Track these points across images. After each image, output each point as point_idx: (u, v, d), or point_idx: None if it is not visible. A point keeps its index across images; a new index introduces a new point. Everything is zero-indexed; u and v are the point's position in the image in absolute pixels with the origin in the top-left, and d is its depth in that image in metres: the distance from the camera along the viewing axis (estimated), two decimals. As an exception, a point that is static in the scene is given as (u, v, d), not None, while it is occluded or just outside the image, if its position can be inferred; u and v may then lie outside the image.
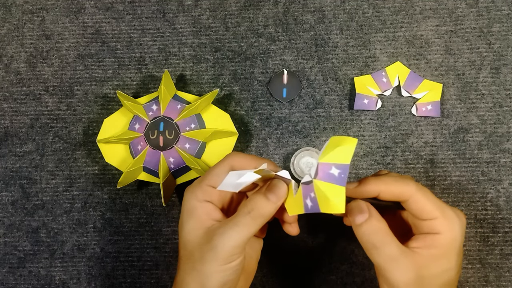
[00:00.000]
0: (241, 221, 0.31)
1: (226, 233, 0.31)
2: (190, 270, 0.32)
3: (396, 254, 0.31)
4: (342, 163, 0.29)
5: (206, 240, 0.31)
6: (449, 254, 0.32)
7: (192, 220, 0.33)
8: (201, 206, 0.33)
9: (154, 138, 0.43)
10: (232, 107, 0.47)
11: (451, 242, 0.31)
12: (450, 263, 0.32)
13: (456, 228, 0.32)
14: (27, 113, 0.48)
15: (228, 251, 0.31)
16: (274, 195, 0.32)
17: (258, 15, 0.48)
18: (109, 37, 0.49)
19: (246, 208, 0.31)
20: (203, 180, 0.33)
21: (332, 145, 0.29)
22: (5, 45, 0.49)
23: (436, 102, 0.46)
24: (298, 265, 0.45)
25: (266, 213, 0.31)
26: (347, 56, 0.47)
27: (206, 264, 0.31)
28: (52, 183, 0.47)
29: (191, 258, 0.32)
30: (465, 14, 0.48)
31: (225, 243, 0.31)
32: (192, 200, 0.33)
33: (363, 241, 0.31)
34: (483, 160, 0.46)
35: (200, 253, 0.32)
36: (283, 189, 0.32)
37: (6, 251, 0.46)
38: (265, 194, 0.32)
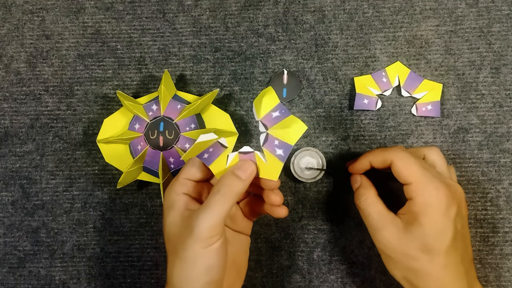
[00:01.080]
0: (213, 200, 0.32)
1: (201, 215, 0.32)
2: (175, 260, 0.33)
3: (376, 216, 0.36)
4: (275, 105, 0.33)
5: (184, 227, 0.32)
6: (419, 219, 0.34)
7: (172, 212, 0.34)
8: (179, 198, 0.34)
9: (154, 138, 0.43)
10: (232, 107, 0.47)
11: (421, 208, 0.34)
12: (420, 229, 0.34)
13: (429, 195, 0.34)
14: (27, 113, 0.48)
15: (205, 232, 0.31)
16: (242, 171, 0.33)
17: (258, 15, 0.48)
18: (109, 37, 0.49)
19: (216, 187, 0.33)
20: (179, 174, 0.35)
21: (258, 104, 0.33)
22: (5, 45, 0.49)
23: (436, 102, 0.46)
24: (298, 265, 0.45)
25: (236, 190, 0.33)
26: (347, 56, 0.47)
27: (188, 250, 0.31)
28: (52, 183, 0.47)
29: (175, 249, 0.33)
30: (465, 14, 0.48)
31: (201, 224, 0.31)
32: (171, 194, 0.35)
33: (356, 202, 0.38)
34: (483, 160, 0.46)
35: (180, 241, 0.32)
36: (251, 166, 0.34)
37: (6, 251, 0.46)
38: (233, 172, 0.33)
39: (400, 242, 0.34)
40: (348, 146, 0.46)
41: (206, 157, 0.34)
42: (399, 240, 0.34)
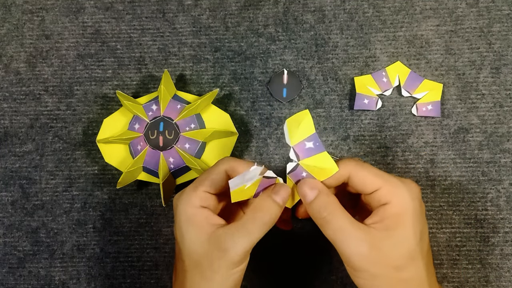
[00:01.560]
0: (252, 226, 0.31)
1: (238, 238, 0.31)
2: (199, 278, 0.32)
3: (347, 226, 0.30)
4: (310, 135, 0.32)
5: (214, 247, 0.31)
6: (402, 222, 0.31)
7: (193, 228, 0.32)
8: (200, 213, 0.32)
9: (154, 138, 0.43)
10: (232, 107, 0.47)
11: (401, 209, 0.31)
12: (406, 231, 0.31)
13: (404, 195, 0.31)
14: (26, 113, 0.48)
15: (240, 255, 0.31)
16: (280, 197, 0.32)
17: (258, 15, 0.48)
18: (108, 37, 0.49)
19: (256, 213, 0.32)
20: (198, 186, 0.33)
21: (292, 127, 0.32)
22: (4, 45, 0.49)
23: (436, 102, 0.46)
24: (298, 265, 0.45)
25: (274, 216, 0.32)
26: (347, 56, 0.47)
27: (217, 271, 0.31)
28: (51, 183, 0.47)
29: (199, 267, 0.32)
30: (466, 14, 0.48)
31: (237, 248, 0.31)
32: (188, 207, 0.32)
33: (315, 216, 0.32)
34: (483, 160, 0.46)
35: (208, 261, 0.31)
36: (287, 190, 0.32)
37: (6, 251, 0.46)
38: (271, 197, 0.32)
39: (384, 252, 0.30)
40: (348, 146, 0.46)
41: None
42: (382, 250, 0.30)
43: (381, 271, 0.30)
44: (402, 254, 0.30)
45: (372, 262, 0.30)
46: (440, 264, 0.45)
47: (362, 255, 0.30)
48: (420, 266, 0.31)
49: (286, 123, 0.32)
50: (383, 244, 0.30)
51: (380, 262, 0.30)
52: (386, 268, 0.30)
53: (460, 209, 0.45)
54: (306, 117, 0.32)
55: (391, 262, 0.30)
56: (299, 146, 0.32)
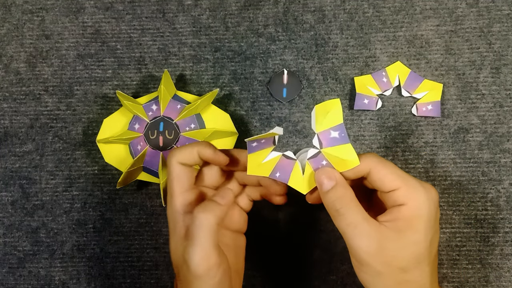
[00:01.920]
0: (195, 234, 0.31)
1: (190, 251, 0.30)
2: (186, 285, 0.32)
3: (359, 220, 0.30)
4: (337, 124, 0.31)
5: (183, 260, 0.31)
6: (415, 225, 0.30)
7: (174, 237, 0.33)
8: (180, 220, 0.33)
9: (154, 138, 0.43)
10: (232, 107, 0.47)
11: (416, 213, 0.30)
12: (417, 236, 0.30)
13: (421, 198, 0.31)
14: (26, 113, 0.48)
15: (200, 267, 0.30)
16: (220, 197, 0.32)
17: (258, 15, 0.48)
18: (108, 37, 0.49)
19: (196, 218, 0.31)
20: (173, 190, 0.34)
21: (320, 114, 0.32)
22: (4, 45, 0.49)
23: (436, 102, 0.46)
24: (298, 265, 0.45)
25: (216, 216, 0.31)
26: (347, 56, 0.47)
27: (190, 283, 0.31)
28: (51, 183, 0.47)
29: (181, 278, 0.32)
30: (466, 14, 0.48)
31: (193, 260, 0.30)
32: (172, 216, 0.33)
33: (329, 207, 0.32)
34: (483, 160, 0.46)
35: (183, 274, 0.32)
36: (229, 194, 0.33)
37: (6, 251, 0.46)
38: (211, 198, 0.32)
39: (391, 252, 0.30)
40: (348, 146, 0.46)
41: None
42: (390, 250, 0.30)
43: (386, 270, 0.30)
44: (409, 257, 0.30)
45: (379, 259, 0.30)
46: (440, 264, 0.45)
47: (370, 251, 0.30)
48: (425, 271, 0.31)
49: (315, 109, 0.32)
50: (392, 244, 0.30)
51: (386, 261, 0.30)
52: (391, 267, 0.30)
53: (460, 209, 0.45)
54: (336, 106, 0.31)
55: (397, 263, 0.30)
56: (324, 134, 0.32)
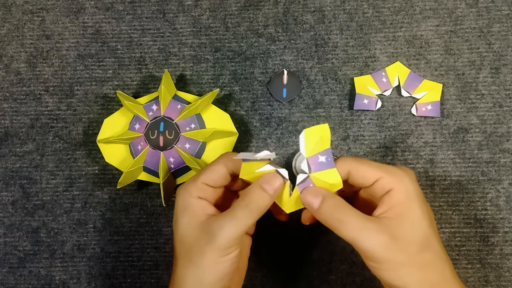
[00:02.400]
0: (239, 213, 0.31)
1: (225, 225, 0.31)
2: (187, 264, 0.32)
3: (363, 222, 0.30)
4: (325, 149, 0.33)
5: (203, 233, 0.32)
6: (410, 205, 0.31)
7: (187, 215, 0.33)
8: (196, 202, 0.33)
9: (154, 138, 0.43)
10: (232, 107, 0.47)
11: (406, 194, 0.31)
12: (417, 213, 0.31)
13: (405, 179, 0.32)
14: (27, 113, 0.48)
15: (226, 242, 0.31)
16: (271, 187, 0.32)
17: (258, 15, 0.48)
18: (109, 37, 0.49)
19: (244, 201, 0.32)
20: (198, 178, 0.34)
21: (310, 138, 0.33)
22: (5, 45, 0.49)
23: (436, 102, 0.46)
24: (298, 265, 0.45)
25: (263, 205, 0.32)
26: (347, 56, 0.47)
27: (205, 256, 0.31)
28: (52, 183, 0.47)
29: (189, 253, 0.32)
30: (465, 14, 0.48)
31: (224, 234, 0.31)
32: (186, 197, 0.33)
33: (327, 221, 0.32)
34: (483, 160, 0.46)
35: (197, 246, 0.32)
36: (278, 181, 0.33)
37: (6, 251, 0.46)
38: (261, 186, 0.32)
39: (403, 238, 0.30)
40: (348, 146, 0.46)
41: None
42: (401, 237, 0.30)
43: (405, 258, 0.30)
44: (419, 237, 0.31)
45: (395, 250, 0.30)
46: (440, 264, 0.45)
47: (385, 246, 0.30)
48: (437, 246, 0.32)
49: (304, 133, 0.33)
50: (399, 231, 0.31)
51: (402, 249, 0.30)
52: (409, 254, 0.30)
53: (459, 209, 0.45)
54: (325, 131, 0.33)
55: (412, 247, 0.30)
56: (313, 159, 0.33)
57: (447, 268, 0.32)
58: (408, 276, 0.30)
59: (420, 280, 0.30)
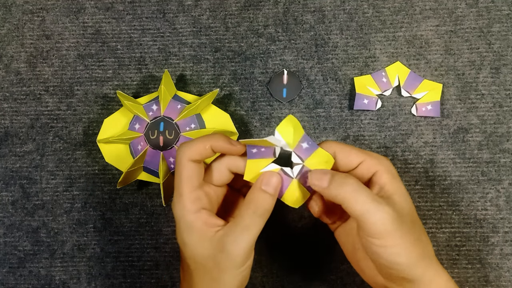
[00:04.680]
0: (249, 222, 0.32)
1: (238, 238, 0.31)
2: (209, 282, 0.32)
3: (373, 196, 0.31)
4: (302, 136, 0.34)
5: (217, 249, 0.32)
6: (397, 184, 0.33)
7: (194, 234, 0.32)
8: (197, 218, 0.32)
9: (154, 138, 0.43)
10: (232, 107, 0.47)
11: (391, 174, 0.33)
12: (403, 191, 0.33)
13: (385, 161, 0.34)
14: (27, 113, 0.48)
15: (243, 254, 0.31)
16: (270, 186, 0.32)
17: (258, 15, 0.48)
18: (109, 37, 0.49)
19: (250, 208, 0.32)
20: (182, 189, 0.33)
21: (285, 133, 0.33)
22: (5, 45, 0.49)
23: (436, 102, 0.46)
24: (298, 265, 0.45)
25: (268, 207, 0.32)
26: (347, 56, 0.47)
27: (225, 272, 0.32)
28: (52, 183, 0.47)
29: (205, 269, 0.32)
30: (465, 14, 0.48)
31: (240, 249, 0.31)
32: (186, 216, 0.32)
33: (338, 196, 0.31)
34: (483, 160, 0.46)
35: (214, 262, 0.32)
36: (275, 178, 0.33)
37: (6, 251, 0.46)
38: (261, 188, 0.32)
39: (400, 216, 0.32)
40: (348, 146, 0.46)
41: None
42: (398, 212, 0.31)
43: (404, 232, 0.31)
44: (410, 212, 0.33)
45: (398, 224, 0.31)
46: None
47: (392, 220, 0.31)
48: (420, 223, 0.34)
49: (278, 131, 0.33)
50: (396, 206, 0.32)
51: (402, 223, 0.31)
52: (406, 228, 0.31)
53: (459, 209, 0.45)
54: (294, 121, 0.33)
55: (407, 222, 0.32)
56: (298, 149, 0.34)
57: (429, 243, 0.34)
58: (406, 251, 0.31)
59: (412, 254, 0.31)
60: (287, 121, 0.33)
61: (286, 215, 0.46)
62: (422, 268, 0.32)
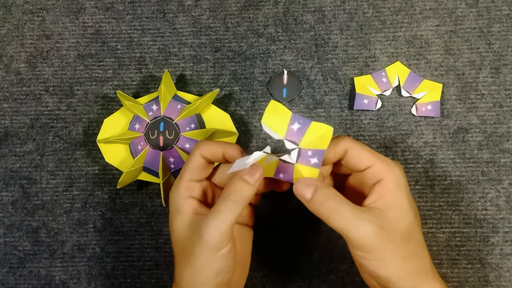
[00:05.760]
0: (223, 207, 0.31)
1: (210, 221, 0.31)
2: (184, 264, 0.33)
3: (355, 212, 0.31)
4: (290, 118, 0.32)
5: (193, 232, 0.32)
6: (399, 196, 0.32)
7: (179, 216, 0.33)
8: (186, 202, 0.34)
9: (154, 138, 0.43)
10: (232, 107, 0.47)
11: (396, 184, 0.32)
12: (404, 204, 0.32)
13: (395, 170, 0.33)
14: (27, 113, 0.48)
15: (215, 239, 0.31)
16: (250, 176, 0.32)
17: (258, 15, 0.48)
18: (109, 37, 0.49)
19: (225, 193, 0.32)
20: (182, 176, 0.34)
21: (271, 123, 0.32)
22: (5, 45, 0.49)
23: (436, 102, 0.46)
24: (298, 264, 0.45)
25: (245, 195, 0.32)
26: (347, 56, 0.47)
27: (197, 256, 0.32)
28: (52, 183, 0.47)
29: (184, 253, 0.33)
30: (465, 14, 0.48)
31: (211, 231, 0.31)
32: (177, 198, 0.34)
33: (320, 210, 0.32)
34: (483, 160, 0.46)
35: (190, 246, 0.32)
36: (259, 169, 0.32)
37: (6, 251, 0.46)
38: (241, 176, 0.32)
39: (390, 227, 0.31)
40: (348, 146, 0.46)
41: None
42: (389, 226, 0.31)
43: (392, 247, 0.31)
44: (405, 227, 0.32)
45: (384, 240, 0.31)
46: (440, 264, 0.45)
47: (375, 235, 0.30)
48: (420, 237, 0.33)
49: (264, 123, 0.33)
50: (388, 220, 0.31)
51: (390, 239, 0.31)
52: (396, 243, 0.31)
53: (459, 209, 0.45)
54: (277, 106, 0.32)
55: (399, 237, 0.31)
56: (290, 133, 0.33)
57: (427, 258, 0.33)
58: (393, 265, 0.31)
59: (403, 268, 0.31)
60: (270, 109, 0.32)
61: (286, 215, 0.46)
62: (414, 282, 0.32)
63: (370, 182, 0.33)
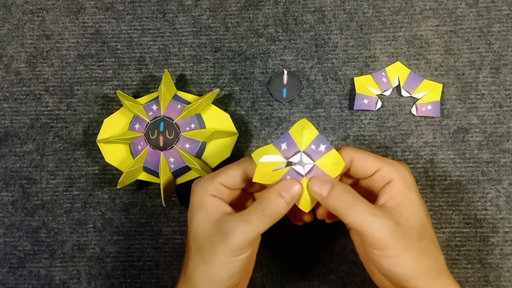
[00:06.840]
0: (254, 218, 0.32)
1: (238, 227, 0.31)
2: (199, 261, 0.33)
3: (371, 208, 0.31)
4: (314, 138, 0.33)
5: (216, 231, 0.32)
6: (409, 195, 0.33)
7: (202, 212, 0.33)
8: (211, 199, 0.33)
9: (154, 138, 0.43)
10: (232, 107, 0.47)
11: (405, 183, 0.33)
12: (415, 203, 0.33)
13: (402, 170, 0.33)
14: (27, 113, 0.48)
15: (239, 244, 0.31)
16: (288, 193, 0.32)
17: (258, 15, 0.48)
18: (109, 37, 0.49)
19: (260, 206, 0.32)
20: (216, 177, 0.34)
21: (296, 135, 0.33)
22: (5, 45, 0.49)
23: (436, 102, 0.46)
24: (298, 265, 0.45)
25: (278, 212, 0.32)
26: (347, 56, 0.47)
27: (216, 255, 0.32)
28: (52, 183, 0.47)
29: (201, 249, 0.33)
30: (465, 14, 0.48)
31: (237, 236, 0.31)
32: (202, 194, 0.34)
33: (336, 206, 0.32)
34: (483, 160, 0.46)
35: (209, 244, 0.32)
36: (296, 187, 0.33)
37: (6, 251, 0.46)
38: (279, 192, 0.32)
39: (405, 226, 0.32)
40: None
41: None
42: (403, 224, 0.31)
43: (407, 245, 0.31)
44: (418, 224, 0.32)
45: (399, 236, 0.31)
46: (440, 264, 0.45)
47: (391, 231, 0.31)
48: (432, 235, 0.33)
49: (290, 134, 0.33)
50: (401, 218, 0.32)
51: (405, 235, 0.31)
52: (410, 241, 0.31)
53: (459, 209, 0.45)
54: (306, 123, 0.33)
55: (413, 234, 0.31)
56: (310, 149, 0.33)
57: (440, 256, 0.33)
58: (408, 263, 0.31)
59: (418, 266, 0.31)
60: (299, 123, 0.33)
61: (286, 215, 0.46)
62: (428, 280, 0.32)
63: (379, 185, 0.34)
